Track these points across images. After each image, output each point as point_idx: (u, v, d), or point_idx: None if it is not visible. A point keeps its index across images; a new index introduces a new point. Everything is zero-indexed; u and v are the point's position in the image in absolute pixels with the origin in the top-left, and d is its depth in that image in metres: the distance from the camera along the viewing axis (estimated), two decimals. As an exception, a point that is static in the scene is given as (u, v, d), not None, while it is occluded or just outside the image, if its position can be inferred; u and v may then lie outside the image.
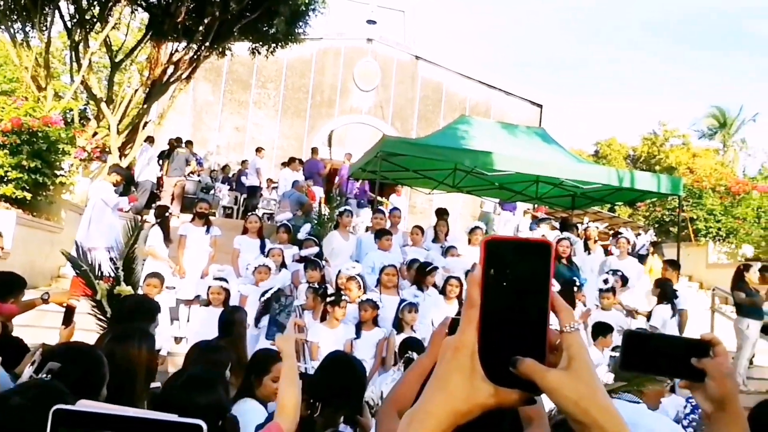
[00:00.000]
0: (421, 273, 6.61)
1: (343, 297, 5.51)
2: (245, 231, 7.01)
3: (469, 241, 8.38)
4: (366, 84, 18.13)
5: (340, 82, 18.09)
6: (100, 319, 3.43)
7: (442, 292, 6.56)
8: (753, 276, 8.12)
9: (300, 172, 12.35)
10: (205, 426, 0.62)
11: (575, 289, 6.97)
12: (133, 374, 2.08)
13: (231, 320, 3.57)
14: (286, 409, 1.86)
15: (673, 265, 7.47)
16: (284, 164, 13.27)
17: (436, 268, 6.78)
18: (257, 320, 5.22)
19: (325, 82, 18.01)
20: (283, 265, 6.65)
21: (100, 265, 3.54)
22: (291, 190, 10.26)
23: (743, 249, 12.18)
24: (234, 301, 5.44)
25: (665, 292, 6.90)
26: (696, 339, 1.11)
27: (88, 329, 3.57)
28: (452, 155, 8.45)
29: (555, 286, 6.78)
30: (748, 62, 66.99)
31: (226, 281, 5.54)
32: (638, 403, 2.21)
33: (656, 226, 14.22)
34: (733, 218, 12.89)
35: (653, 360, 1.13)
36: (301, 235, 7.53)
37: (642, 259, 12.03)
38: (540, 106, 19.48)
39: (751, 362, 7.66)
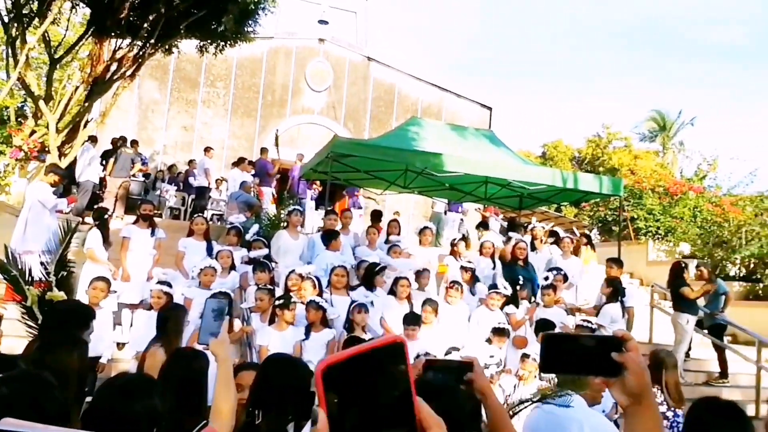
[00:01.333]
0: (370, 273, 6.64)
1: (292, 299, 5.46)
2: (191, 233, 6.85)
3: (420, 242, 8.48)
4: (318, 84, 18.05)
5: (292, 81, 17.94)
6: (30, 326, 3.28)
7: (393, 292, 6.60)
8: (690, 273, 8.52)
9: (250, 172, 12.17)
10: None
11: (518, 288, 7.15)
12: (64, 383, 2.00)
13: (166, 317, 3.49)
14: (221, 414, 1.84)
15: (617, 263, 7.75)
16: (233, 164, 13.05)
17: (384, 268, 6.82)
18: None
19: (276, 82, 17.82)
20: (232, 267, 6.55)
21: (30, 270, 3.38)
22: (239, 192, 10.09)
23: (681, 247, 12.75)
24: (178, 305, 5.31)
25: (616, 290, 7.13)
26: (610, 336, 1.15)
27: (19, 335, 3.42)
28: (403, 156, 8.51)
29: (508, 290, 6.99)
30: (687, 68, 70.19)
31: (169, 285, 5.40)
32: (568, 407, 2.26)
33: (600, 225, 14.75)
34: (671, 217, 13.50)
35: (572, 360, 1.15)
36: (249, 236, 7.42)
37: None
38: (490, 108, 19.85)
39: (687, 355, 8.01)
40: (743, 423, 1.96)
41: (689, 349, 8.07)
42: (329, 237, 7.33)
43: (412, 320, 5.73)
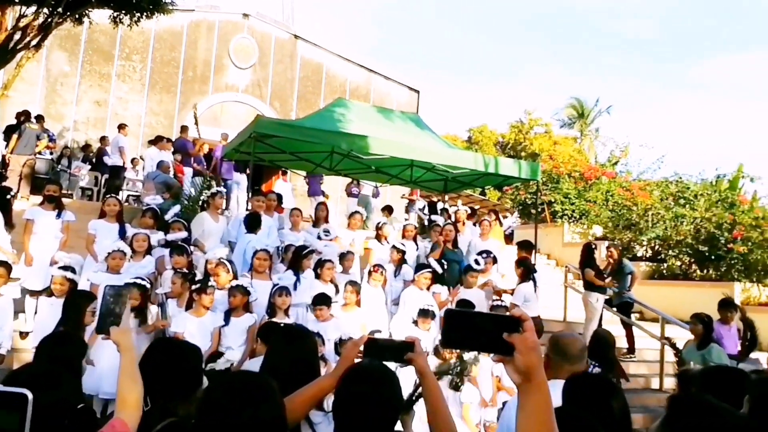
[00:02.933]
0: (297, 257, 6.56)
1: (210, 283, 5.30)
2: (102, 215, 6.48)
3: (349, 225, 8.48)
4: (242, 61, 17.48)
5: (215, 57, 17.27)
6: None
7: (317, 275, 6.56)
8: (600, 253, 9.00)
9: (168, 151, 11.65)
10: (30, 395, 0.57)
11: (444, 269, 7.30)
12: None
13: (67, 305, 3.30)
14: (127, 404, 1.77)
15: (527, 246, 8.07)
16: (150, 143, 12.45)
17: (312, 251, 6.76)
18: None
19: (198, 57, 17.09)
20: (149, 251, 6.26)
21: None
22: (156, 171, 9.65)
23: (594, 229, 13.44)
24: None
25: (528, 270, 7.43)
26: (508, 316, 1.17)
27: None
28: (329, 138, 8.40)
29: (439, 269, 7.09)
30: (604, 59, 73.47)
31: (72, 270, 5.09)
32: None
33: (520, 208, 15.28)
34: (585, 201, 14.19)
35: (471, 337, 1.18)
36: (169, 216, 7.12)
37: (509, 238, 12.89)
38: (418, 91, 19.98)
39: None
40: (618, 394, 2.08)
41: (599, 326, 8.54)
42: (252, 220, 7.18)
43: (320, 301, 5.74)
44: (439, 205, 13.82)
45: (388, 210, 11.97)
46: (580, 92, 68.98)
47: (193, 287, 5.26)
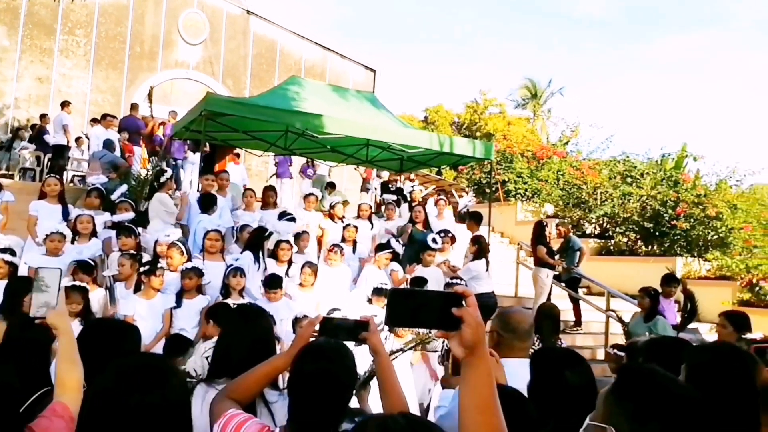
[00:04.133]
0: (258, 239, 6.48)
1: (159, 265, 5.19)
2: (42, 195, 6.23)
3: (304, 206, 8.43)
4: (193, 37, 16.94)
5: (163, 32, 16.67)
6: None
7: (273, 255, 6.52)
8: (551, 231, 9.25)
9: (114, 129, 11.24)
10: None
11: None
12: None
13: (7, 289, 3.19)
14: (68, 387, 1.73)
15: (476, 217, 8.25)
16: (95, 121, 11.99)
17: (272, 233, 6.69)
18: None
19: (145, 32, 16.46)
20: (94, 233, 6.07)
21: None
22: (102, 151, 9.31)
23: (545, 207, 13.77)
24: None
25: (482, 247, 7.58)
26: (451, 292, 1.20)
27: None
28: (283, 117, 8.27)
29: (399, 249, 7.11)
30: (558, 39, 74.51)
31: (12, 252, 4.90)
32: None
33: (475, 187, 15.49)
34: (537, 180, 14.49)
35: (416, 314, 1.19)
36: (115, 197, 6.90)
37: (463, 218, 13.00)
38: (374, 70, 19.83)
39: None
40: (587, 368, 2.16)
41: (548, 300, 8.82)
42: (206, 200, 7.05)
43: (272, 284, 5.72)
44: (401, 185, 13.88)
45: (330, 186, 11.92)
46: (535, 72, 69.97)
47: (142, 269, 5.14)
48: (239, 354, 2.12)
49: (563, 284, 8.94)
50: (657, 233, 11.31)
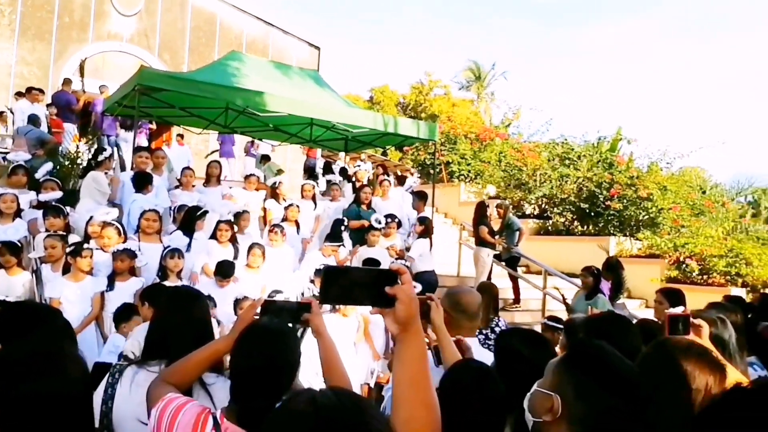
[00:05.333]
0: (190, 218, 6.30)
1: (85, 246, 4.95)
2: (-39, 174, 5.82)
3: (245, 186, 8.24)
4: (126, 8, 16.10)
5: (95, 2, 15.76)
6: None
7: (214, 236, 6.36)
8: (492, 212, 9.44)
9: (41, 104, 10.61)
10: None
11: (342, 228, 7.35)
12: None
13: None
14: None
15: (422, 196, 8.36)
16: (19, 95, 11.27)
17: (206, 212, 6.51)
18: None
19: (75, 1, 15.52)
20: (18, 213, 5.73)
21: None
22: (27, 126, 8.77)
23: (488, 189, 14.02)
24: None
25: (428, 228, 7.73)
26: (386, 269, 1.20)
27: None
28: (222, 93, 7.99)
29: (341, 241, 7.08)
30: (502, 21, 75.40)
31: None
32: None
33: (420, 168, 15.59)
34: (480, 162, 14.72)
35: (350, 291, 1.19)
36: (39, 175, 6.52)
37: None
38: (318, 48, 19.49)
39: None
40: (549, 348, 2.22)
41: (488, 279, 9.03)
42: (141, 178, 6.76)
43: (225, 272, 5.63)
44: (340, 164, 13.80)
45: (265, 158, 11.75)
46: (479, 55, 70.79)
47: (68, 250, 4.90)
48: (174, 337, 2.08)
49: (503, 263, 9.16)
50: (592, 213, 11.73)
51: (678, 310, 2.51)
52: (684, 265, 9.69)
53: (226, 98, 8.29)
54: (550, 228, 12.24)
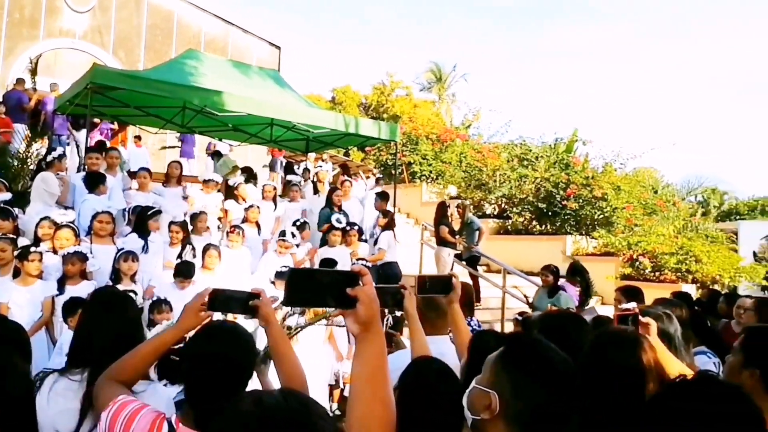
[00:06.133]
0: (142, 218, 6.16)
1: (32, 249, 4.79)
2: None
3: (203, 188, 8.11)
4: (79, 4, 15.61)
5: (46, -3, 15.26)
6: None
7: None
8: (453, 211, 9.55)
9: (-12, 104, 10.21)
10: None
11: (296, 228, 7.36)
12: None
13: None
14: None
15: (384, 196, 8.45)
16: (-37, 93, 10.81)
17: (159, 212, 6.38)
18: None
19: (24, -4, 14.99)
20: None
21: None
22: (-28, 126, 8.42)
23: (449, 189, 14.17)
24: None
25: (391, 221, 7.96)
26: (348, 271, 1.23)
27: None
28: (179, 92, 7.84)
29: (296, 238, 7.04)
30: (463, 23, 76.21)
31: None
32: None
33: (382, 169, 15.64)
34: (441, 162, 14.87)
35: (314, 294, 1.21)
36: (-15, 179, 6.28)
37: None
38: (279, 48, 19.32)
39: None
40: None
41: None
42: (93, 179, 6.57)
43: (184, 273, 5.53)
44: (304, 165, 13.71)
45: (217, 155, 11.63)
46: (440, 57, 71.33)
47: (16, 253, 4.73)
48: (100, 343, 2.00)
49: (464, 262, 9.27)
50: (550, 213, 11.99)
51: (631, 305, 2.57)
52: (637, 263, 9.99)
53: (183, 97, 8.14)
54: (509, 227, 12.46)
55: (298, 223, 7.51)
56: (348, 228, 7.74)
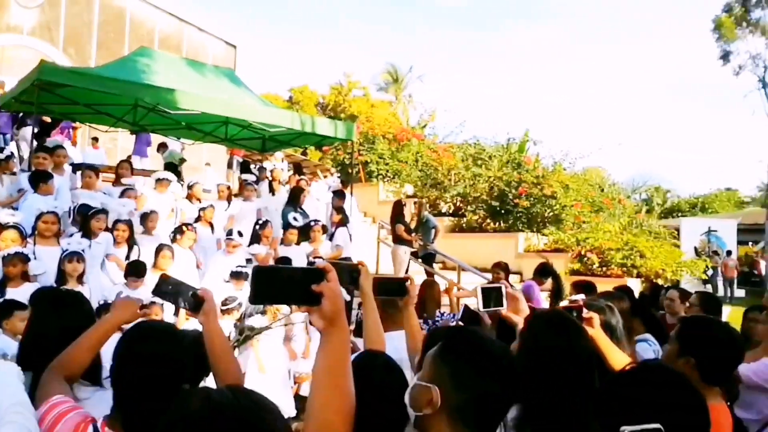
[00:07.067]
0: (83, 218, 6.04)
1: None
2: None
3: (156, 188, 8.00)
4: (26, -1, 15.12)
5: (-10, -9, 14.72)
6: None
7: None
8: (409, 210, 9.70)
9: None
10: None
11: (257, 227, 7.33)
12: None
13: None
14: None
15: (341, 194, 8.55)
16: None
17: (101, 211, 6.24)
18: None
19: (-33, -10, 14.42)
20: None
21: None
22: None
23: (405, 188, 14.34)
24: None
25: (345, 217, 8.16)
26: (313, 268, 1.25)
27: None
28: (130, 90, 7.71)
29: (241, 237, 7.03)
30: (419, 23, 76.80)
31: None
32: None
33: (339, 168, 15.69)
34: (398, 161, 15.03)
35: (280, 291, 1.24)
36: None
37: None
38: (234, 47, 19.11)
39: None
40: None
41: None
42: (38, 178, 6.41)
43: (137, 272, 5.48)
44: (259, 164, 13.63)
45: (163, 147, 11.49)
46: (396, 57, 71.83)
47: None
48: (49, 344, 1.93)
49: (420, 260, 9.42)
50: (502, 211, 12.28)
51: (579, 297, 2.66)
52: (585, 258, 10.35)
53: (135, 95, 8.02)
54: (464, 225, 12.70)
55: (260, 222, 7.49)
56: (312, 224, 7.76)
